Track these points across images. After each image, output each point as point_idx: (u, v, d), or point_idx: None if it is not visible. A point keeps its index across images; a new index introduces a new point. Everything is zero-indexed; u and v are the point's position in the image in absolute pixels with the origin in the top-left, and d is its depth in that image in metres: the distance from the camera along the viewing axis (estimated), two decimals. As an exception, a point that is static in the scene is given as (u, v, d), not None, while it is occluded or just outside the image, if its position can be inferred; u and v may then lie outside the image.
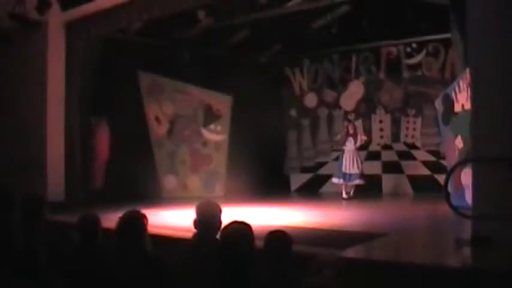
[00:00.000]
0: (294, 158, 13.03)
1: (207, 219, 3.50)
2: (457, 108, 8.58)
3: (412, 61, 11.34)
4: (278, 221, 7.17)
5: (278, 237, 3.24)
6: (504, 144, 4.64)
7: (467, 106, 7.63)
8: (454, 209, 5.13)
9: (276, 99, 12.86)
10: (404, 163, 11.38)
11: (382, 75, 11.79)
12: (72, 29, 9.30)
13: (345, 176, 10.23)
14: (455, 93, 8.64)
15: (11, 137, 9.26)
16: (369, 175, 11.67)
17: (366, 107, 12.01)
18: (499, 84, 4.75)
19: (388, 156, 11.59)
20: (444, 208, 5.75)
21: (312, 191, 12.27)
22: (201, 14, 9.00)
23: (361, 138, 10.55)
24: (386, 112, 11.72)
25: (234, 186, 11.35)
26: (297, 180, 12.85)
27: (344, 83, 12.36)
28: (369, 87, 11.97)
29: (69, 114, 9.42)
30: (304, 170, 12.81)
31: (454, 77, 9.53)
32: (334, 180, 10.48)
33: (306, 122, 12.92)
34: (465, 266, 4.14)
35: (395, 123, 11.62)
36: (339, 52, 12.25)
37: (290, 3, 9.01)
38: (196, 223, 3.55)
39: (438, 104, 9.56)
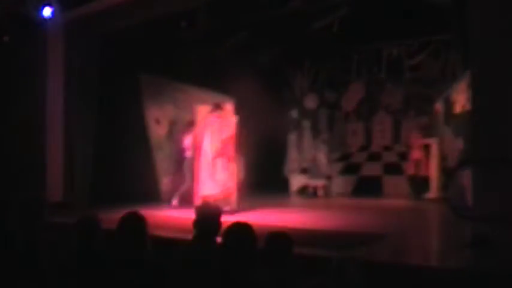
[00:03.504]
0: (294, 159, 13.02)
1: (207, 221, 3.51)
2: (458, 109, 8.59)
3: (413, 62, 11.33)
4: (278, 222, 7.16)
5: (279, 238, 3.24)
6: (504, 145, 4.64)
7: (468, 107, 7.63)
8: (454, 209, 5.14)
9: (277, 100, 12.86)
10: (404, 164, 11.37)
11: (383, 76, 11.78)
12: (72, 29, 9.30)
13: None
14: (456, 94, 8.64)
15: (11, 138, 9.26)
16: (369, 176, 11.72)
17: (367, 108, 12.01)
18: (499, 84, 4.75)
19: (388, 157, 11.58)
20: (444, 209, 5.76)
21: (312, 191, 12.26)
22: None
23: None
24: (387, 113, 11.71)
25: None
26: (297, 181, 12.85)
27: (345, 84, 12.36)
28: (369, 88, 11.97)
29: (69, 115, 9.42)
30: (304, 171, 12.81)
31: (454, 78, 9.53)
32: None
33: (306, 123, 12.92)
34: (465, 267, 4.13)
35: (396, 124, 11.61)
36: (339, 53, 12.24)
37: (290, 4, 9.01)
38: (196, 224, 3.55)
39: (439, 104, 9.58)
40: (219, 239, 3.13)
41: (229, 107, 8.81)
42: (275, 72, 12.77)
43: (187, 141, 9.73)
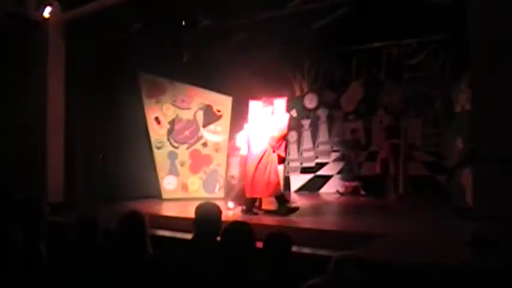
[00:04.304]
0: (294, 158, 13.02)
1: (207, 220, 3.50)
2: (457, 108, 8.59)
3: (413, 62, 11.33)
4: (278, 221, 7.16)
5: (278, 238, 3.25)
6: (503, 145, 4.64)
7: (467, 106, 7.64)
8: (454, 209, 5.14)
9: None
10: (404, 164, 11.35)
11: (382, 76, 11.78)
12: (72, 29, 9.30)
13: None
14: (456, 94, 8.65)
15: (11, 137, 9.26)
16: (369, 175, 11.71)
17: (366, 108, 12.00)
18: (499, 84, 4.75)
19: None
20: (444, 208, 5.76)
21: (312, 191, 12.27)
22: (201, 14, 8.99)
23: None
24: (387, 113, 11.70)
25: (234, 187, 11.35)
26: (297, 180, 12.85)
27: (344, 84, 12.35)
28: (369, 88, 11.96)
29: (69, 114, 9.42)
30: (304, 170, 12.81)
31: (454, 78, 9.53)
32: None
33: (306, 123, 12.92)
34: (465, 267, 4.13)
35: (396, 124, 11.59)
36: (339, 53, 12.24)
37: (290, 4, 9.01)
38: (196, 224, 3.55)
39: (438, 104, 9.58)
40: (219, 239, 3.13)
41: (281, 102, 8.31)
42: (275, 72, 12.75)
43: (240, 138, 9.44)
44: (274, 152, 7.81)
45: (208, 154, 11.25)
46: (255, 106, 8.63)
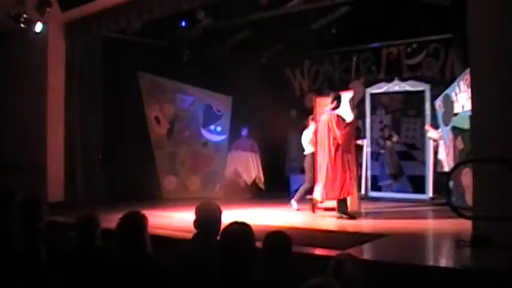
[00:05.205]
0: (294, 158, 13.00)
1: (207, 220, 3.50)
2: (457, 108, 8.59)
3: (413, 61, 11.32)
4: (278, 221, 7.17)
5: (277, 237, 3.24)
6: (504, 145, 4.64)
7: (467, 106, 7.63)
8: (454, 209, 5.14)
9: (276, 99, 12.85)
10: (404, 163, 11.36)
11: (382, 75, 11.77)
12: (72, 29, 9.30)
13: None
14: (456, 94, 8.65)
15: (11, 137, 9.26)
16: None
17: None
18: (499, 84, 4.75)
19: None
20: (444, 209, 5.76)
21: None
22: (201, 14, 9.00)
23: None
24: (387, 112, 11.69)
25: (234, 187, 11.36)
26: (297, 181, 12.82)
27: (344, 84, 12.34)
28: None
29: (69, 114, 9.42)
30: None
31: (454, 77, 9.53)
32: None
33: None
34: (465, 267, 4.14)
35: (396, 124, 11.60)
36: (339, 52, 12.23)
37: (290, 4, 9.01)
38: (196, 224, 3.55)
39: (438, 104, 9.57)
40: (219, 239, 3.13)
41: (347, 95, 8.02)
42: (275, 71, 12.76)
43: (306, 136, 9.10)
44: (343, 151, 7.40)
45: (208, 154, 11.25)
46: (320, 101, 8.29)
